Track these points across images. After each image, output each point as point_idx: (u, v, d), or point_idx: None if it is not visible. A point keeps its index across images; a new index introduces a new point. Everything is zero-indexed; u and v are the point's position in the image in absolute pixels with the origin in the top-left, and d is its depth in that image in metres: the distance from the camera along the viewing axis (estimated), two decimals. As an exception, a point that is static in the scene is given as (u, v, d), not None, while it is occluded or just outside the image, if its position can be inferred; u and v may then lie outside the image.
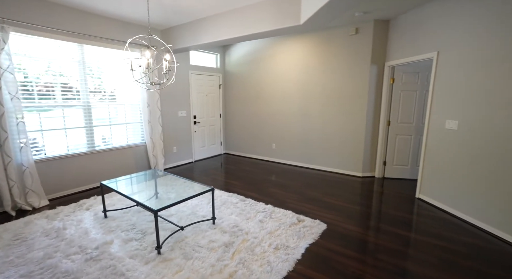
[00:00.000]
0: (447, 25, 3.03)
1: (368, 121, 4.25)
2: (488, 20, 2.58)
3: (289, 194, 3.65)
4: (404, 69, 4.01)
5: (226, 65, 6.07)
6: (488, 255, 2.24)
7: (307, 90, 4.84)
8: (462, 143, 2.89)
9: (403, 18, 3.70)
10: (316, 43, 4.60)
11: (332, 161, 4.71)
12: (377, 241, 2.47)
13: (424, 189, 3.42)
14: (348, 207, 3.22)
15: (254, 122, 5.77)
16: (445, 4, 3.05)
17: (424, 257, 2.22)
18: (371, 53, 4.06)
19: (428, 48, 3.33)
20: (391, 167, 4.28)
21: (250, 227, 2.65)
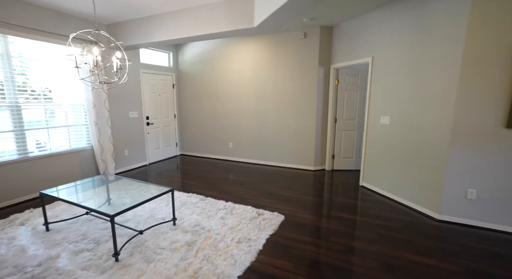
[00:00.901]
0: (378, 34, 3.50)
1: (318, 119, 4.63)
2: (407, 31, 3.08)
3: (248, 191, 3.77)
4: (346, 71, 4.48)
5: (179, 64, 5.92)
6: (414, 228, 2.68)
7: (261, 90, 5.04)
8: (393, 135, 3.38)
9: (345, 25, 4.13)
10: (269, 45, 4.82)
11: (286, 157, 4.99)
12: (329, 226, 2.75)
13: (366, 177, 3.89)
14: (303, 198, 3.48)
15: (210, 122, 5.76)
16: (376, 17, 3.52)
17: (366, 235, 2.56)
18: (318, 56, 4.43)
19: (364, 53, 3.79)
20: (339, 160, 4.74)
21: (212, 224, 2.69)
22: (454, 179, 2.73)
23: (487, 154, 2.57)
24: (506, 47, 2.38)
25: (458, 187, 2.72)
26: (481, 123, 2.56)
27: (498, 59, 2.42)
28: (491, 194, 2.61)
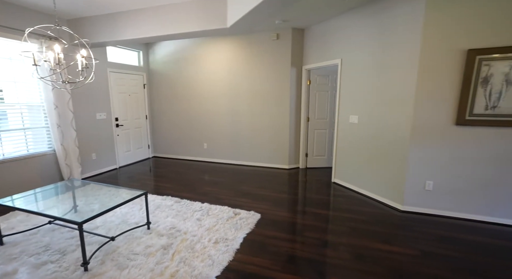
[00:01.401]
0: (346, 38, 3.69)
1: (291, 118, 4.76)
2: (371, 36, 3.29)
3: (224, 191, 3.77)
4: (318, 72, 4.66)
5: (150, 64, 5.72)
6: (381, 219, 2.88)
7: (235, 90, 5.05)
8: (361, 133, 3.59)
9: (315, 28, 4.30)
10: (243, 45, 4.84)
11: (261, 156, 5.06)
12: (303, 221, 2.86)
13: (338, 174, 4.09)
14: (278, 197, 3.56)
15: (184, 123, 5.64)
16: (343, 21, 3.71)
17: (339, 228, 2.70)
18: (290, 57, 4.56)
19: (334, 55, 3.97)
20: (312, 158, 4.92)
21: (188, 226, 2.66)
22: (414, 172, 2.98)
23: (441, 148, 2.84)
24: (455, 53, 2.66)
25: (418, 180, 2.98)
26: (435, 121, 2.82)
27: (449, 64, 2.69)
28: (445, 185, 2.89)
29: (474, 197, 2.81)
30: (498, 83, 2.56)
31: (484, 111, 2.65)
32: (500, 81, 2.55)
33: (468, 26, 2.58)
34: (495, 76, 2.56)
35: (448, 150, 2.82)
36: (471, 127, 2.72)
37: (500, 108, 2.59)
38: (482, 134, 2.69)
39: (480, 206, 2.81)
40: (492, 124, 2.63)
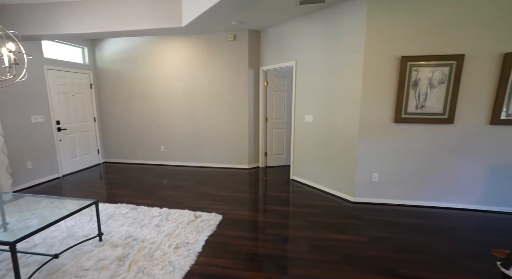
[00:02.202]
0: (300, 40, 3.89)
1: (250, 118, 4.83)
2: (323, 40, 3.53)
3: (184, 194, 3.67)
4: (274, 73, 4.81)
5: (97, 61, 5.26)
6: (334, 211, 3.11)
7: (193, 91, 4.94)
8: (316, 132, 3.82)
9: (271, 30, 4.43)
10: (200, 45, 4.76)
11: (221, 157, 5.04)
12: (264, 219, 2.93)
13: (295, 171, 4.28)
14: (239, 196, 3.60)
15: (139, 125, 5.32)
16: (297, 25, 3.90)
17: (297, 223, 2.83)
18: (247, 58, 4.62)
19: (289, 57, 4.15)
20: (271, 157, 5.06)
21: (146, 234, 2.52)
22: (362, 166, 3.28)
23: (383, 143, 3.18)
24: (392, 59, 3.00)
25: (366, 173, 3.29)
26: (378, 120, 3.15)
27: (388, 68, 3.03)
28: (388, 176, 3.24)
29: (411, 185, 3.22)
30: (424, 86, 2.97)
31: (415, 110, 3.04)
32: (426, 85, 2.97)
33: (401, 36, 2.94)
34: (422, 80, 2.96)
35: (389, 145, 3.18)
36: (406, 124, 3.10)
37: (426, 108, 3.01)
38: (415, 130, 3.09)
39: (416, 192, 3.22)
40: (421, 122, 3.04)
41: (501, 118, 2.89)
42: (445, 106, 2.98)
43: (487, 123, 2.94)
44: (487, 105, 2.91)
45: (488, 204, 3.10)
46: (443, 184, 3.14)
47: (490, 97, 2.89)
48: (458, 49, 2.85)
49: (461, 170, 3.08)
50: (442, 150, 3.07)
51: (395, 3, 2.89)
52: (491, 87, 2.87)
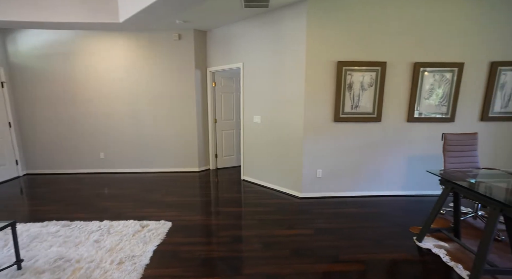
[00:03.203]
0: (247, 42, 3.95)
1: (199, 120, 4.72)
2: (268, 43, 3.65)
3: (128, 203, 3.39)
4: (222, 74, 4.79)
5: (10, 56, 4.46)
6: (284, 208, 3.26)
7: (137, 92, 4.59)
8: (264, 132, 3.94)
9: (217, 31, 4.39)
10: (143, 43, 4.44)
11: (170, 161, 4.81)
12: (216, 222, 2.90)
13: (246, 171, 4.34)
14: (190, 201, 3.48)
15: (72, 130, 4.70)
16: (243, 27, 3.95)
17: (249, 222, 2.88)
18: (194, 58, 4.50)
19: (236, 59, 4.18)
20: (222, 158, 5.03)
21: (82, 252, 2.25)
22: (308, 163, 3.50)
23: (325, 141, 3.46)
24: (330, 63, 3.28)
25: (311, 169, 3.52)
26: (320, 119, 3.41)
27: (327, 72, 3.30)
28: (330, 171, 3.54)
29: (349, 178, 3.57)
30: (357, 88, 3.33)
31: (351, 110, 3.39)
32: (358, 87, 3.33)
33: (337, 43, 3.24)
34: (355, 83, 3.32)
35: (330, 142, 3.46)
36: (344, 123, 3.43)
37: (360, 108, 3.38)
38: (351, 128, 3.44)
39: (353, 184, 3.59)
40: (356, 120, 3.40)
41: (415, 117, 3.42)
42: (374, 106, 3.39)
43: (405, 121, 3.45)
44: (404, 105, 3.41)
45: (408, 189, 3.64)
46: (374, 175, 3.57)
47: (406, 99, 3.39)
48: (381, 57, 3.27)
49: (387, 161, 3.54)
50: (373, 144, 3.49)
51: (329, 14, 3.16)
52: (406, 90, 3.37)
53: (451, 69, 3.32)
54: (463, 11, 3.19)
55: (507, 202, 1.73)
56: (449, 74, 3.34)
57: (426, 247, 2.36)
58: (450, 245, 2.37)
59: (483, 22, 3.22)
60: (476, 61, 3.32)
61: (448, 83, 3.36)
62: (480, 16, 3.21)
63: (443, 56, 3.30)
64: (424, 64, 3.30)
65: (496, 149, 3.55)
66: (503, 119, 3.45)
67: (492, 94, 3.38)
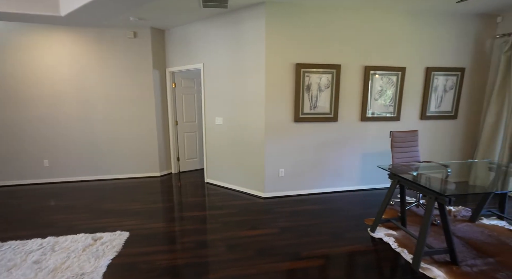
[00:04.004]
0: (207, 43, 3.88)
1: (158, 122, 4.50)
2: (229, 44, 3.63)
3: (79, 215, 3.09)
4: (182, 75, 4.63)
5: None
6: (247, 208, 3.26)
7: (88, 93, 4.22)
8: (226, 134, 3.90)
9: (176, 31, 4.23)
10: (94, 40, 4.09)
11: (129, 167, 4.52)
12: (180, 228, 2.79)
13: (209, 174, 4.26)
14: (150, 207, 3.30)
15: (9, 134, 4.13)
16: (203, 27, 3.87)
17: (213, 226, 2.83)
18: (152, 58, 4.28)
19: (196, 60, 4.08)
20: (184, 162, 4.87)
21: (16, 278, 1.98)
22: (270, 163, 3.56)
23: (286, 141, 3.55)
24: (289, 65, 3.37)
25: (273, 169, 3.58)
26: (281, 120, 3.48)
27: (286, 73, 3.39)
28: (292, 170, 3.64)
29: (309, 176, 3.71)
30: (315, 90, 3.48)
31: (310, 110, 3.53)
32: (316, 88, 3.48)
33: (295, 46, 3.34)
34: (313, 85, 3.46)
35: (291, 142, 3.56)
36: (304, 123, 3.56)
37: (318, 108, 3.53)
38: (310, 128, 3.58)
39: (314, 182, 3.74)
40: (315, 120, 3.55)
41: (367, 116, 3.70)
42: (331, 107, 3.57)
43: (359, 120, 3.70)
44: (358, 105, 3.66)
45: (364, 184, 3.91)
46: (333, 172, 3.77)
47: (359, 100, 3.65)
48: (336, 60, 3.47)
49: (344, 159, 3.76)
50: (331, 143, 3.68)
51: (286, 18, 3.25)
52: (359, 91, 3.62)
53: (396, 73, 3.66)
54: (403, 23, 3.53)
55: (440, 191, 1.96)
56: (394, 77, 3.67)
57: (378, 237, 2.56)
58: (398, 233, 2.60)
59: (420, 34, 3.61)
60: (415, 66, 3.70)
61: (394, 85, 3.69)
62: (417, 29, 3.59)
63: (389, 61, 3.61)
64: (373, 67, 3.57)
65: (433, 143, 4.00)
66: (437, 118, 3.90)
67: (428, 96, 3.80)
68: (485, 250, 2.32)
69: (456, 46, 3.75)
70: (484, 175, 2.49)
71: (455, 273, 2.01)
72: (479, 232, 2.63)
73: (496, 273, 2.02)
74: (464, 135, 4.07)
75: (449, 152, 4.08)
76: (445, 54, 3.75)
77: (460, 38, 3.74)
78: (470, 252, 2.30)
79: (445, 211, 2.11)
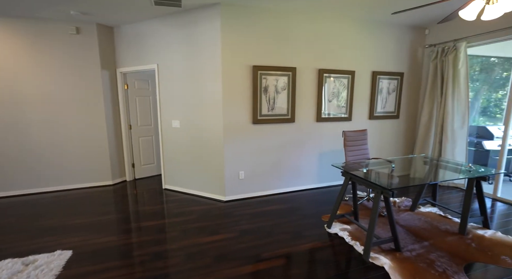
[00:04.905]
0: (162, 43, 3.69)
1: (109, 127, 4.15)
2: (185, 44, 3.51)
3: (7, 237, 2.68)
4: (135, 76, 4.35)
5: None
6: (208, 214, 3.18)
7: (20, 94, 3.70)
8: (184, 137, 3.76)
9: (128, 28, 3.95)
10: (29, 34, 3.60)
11: (74, 176, 4.08)
12: (134, 240, 2.59)
13: (168, 179, 4.06)
14: (100, 220, 3.02)
15: None
16: (157, 25, 3.68)
17: (171, 235, 2.69)
18: (99, 57, 3.93)
19: (150, 60, 3.86)
20: (140, 168, 4.57)
21: None
22: (230, 165, 3.52)
23: (246, 143, 3.55)
24: (246, 67, 3.38)
25: (233, 171, 3.55)
26: (239, 122, 3.47)
27: (243, 75, 3.38)
28: (252, 172, 3.65)
29: (271, 177, 3.76)
30: (272, 91, 3.54)
31: (268, 112, 3.58)
32: (273, 91, 3.55)
33: (251, 48, 3.36)
34: (270, 87, 3.52)
35: (250, 144, 3.57)
36: (262, 125, 3.59)
37: (275, 110, 3.60)
38: (269, 129, 3.63)
39: (274, 182, 3.80)
40: (273, 122, 3.61)
41: (322, 117, 3.88)
42: (288, 108, 3.67)
43: (315, 121, 3.87)
44: (314, 107, 3.82)
45: (322, 182, 4.10)
46: (292, 172, 3.87)
47: (315, 101, 3.81)
48: (292, 62, 3.58)
49: (302, 158, 3.90)
50: (289, 144, 3.78)
51: (241, 20, 3.26)
52: (314, 93, 3.79)
53: (347, 76, 3.91)
54: (352, 31, 3.79)
55: (384, 185, 2.13)
56: (345, 80, 3.92)
57: (334, 232, 2.69)
58: (352, 227, 2.77)
59: (366, 41, 3.92)
60: (363, 70, 4.00)
61: (346, 87, 3.94)
62: (364, 36, 3.88)
63: (340, 64, 3.84)
64: (326, 71, 3.77)
65: (380, 141, 4.36)
66: (383, 117, 4.27)
67: (375, 97, 4.15)
68: (422, 235, 2.59)
69: (396, 53, 4.16)
70: (421, 168, 2.78)
71: (398, 259, 2.21)
72: (418, 219, 2.94)
73: (429, 254, 2.27)
74: (405, 133, 4.52)
75: (393, 148, 4.49)
76: (387, 59, 4.12)
77: (398, 46, 4.15)
78: (410, 238, 2.54)
79: (390, 203, 2.30)
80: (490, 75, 5.29)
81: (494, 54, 4.85)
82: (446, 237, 2.56)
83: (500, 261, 2.20)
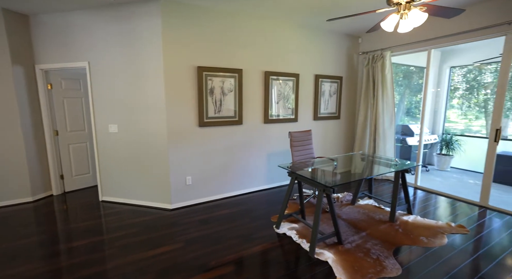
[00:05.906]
0: (94, 38, 3.29)
1: (27, 134, 3.53)
2: (123, 42, 3.19)
3: None
4: (62, 74, 3.80)
5: None
6: (152, 225, 2.94)
7: None
8: (123, 143, 3.42)
9: (50, 18, 3.41)
10: None
11: (-18, 194, 3.37)
12: (60, 265, 2.23)
13: (105, 190, 3.64)
14: (12, 247, 2.52)
15: None
16: (88, 18, 3.26)
17: (108, 253, 2.39)
18: (9, 51, 3.32)
19: (80, 57, 3.41)
20: (71, 179, 4.01)
21: None
22: (176, 171, 3.32)
23: (192, 147, 3.39)
24: (190, 68, 3.23)
25: (179, 177, 3.36)
26: (184, 125, 3.30)
27: (187, 77, 3.23)
28: (199, 177, 3.51)
29: (220, 180, 3.67)
30: (218, 93, 3.46)
31: (214, 114, 3.48)
32: (219, 92, 3.47)
33: (195, 48, 3.23)
34: (216, 89, 3.44)
35: (197, 147, 3.43)
36: (209, 128, 3.48)
37: (222, 112, 3.53)
38: (216, 132, 3.54)
39: (223, 186, 3.72)
40: (220, 124, 3.53)
41: (269, 118, 3.95)
42: (235, 110, 3.63)
43: (262, 123, 3.91)
44: (261, 108, 3.86)
45: (271, 182, 4.17)
46: (241, 174, 3.85)
47: (262, 103, 3.86)
48: (238, 64, 3.55)
49: (251, 160, 3.91)
50: (237, 146, 3.74)
51: (184, 19, 3.11)
52: (261, 95, 3.83)
53: (292, 78, 4.06)
54: (297, 34, 3.95)
55: (325, 183, 2.25)
56: (291, 82, 4.06)
57: (283, 232, 2.73)
58: (299, 225, 2.86)
59: (310, 45, 4.13)
60: (307, 73, 4.21)
61: (291, 90, 4.08)
62: (307, 41, 4.09)
63: (286, 67, 3.97)
64: (272, 73, 3.84)
65: (324, 140, 4.65)
66: (326, 118, 4.56)
67: (318, 99, 4.40)
68: (360, 227, 2.82)
69: (335, 58, 4.48)
70: (359, 164, 3.02)
71: (340, 251, 2.35)
72: (357, 212, 3.19)
73: (366, 244, 2.48)
74: (346, 132, 4.91)
75: (336, 146, 4.83)
76: (328, 64, 4.42)
77: (337, 52, 4.49)
78: (351, 230, 2.74)
79: (331, 199, 2.43)
80: (410, 81, 6.13)
81: (413, 63, 5.64)
82: (380, 225, 2.83)
83: (419, 241, 2.52)
